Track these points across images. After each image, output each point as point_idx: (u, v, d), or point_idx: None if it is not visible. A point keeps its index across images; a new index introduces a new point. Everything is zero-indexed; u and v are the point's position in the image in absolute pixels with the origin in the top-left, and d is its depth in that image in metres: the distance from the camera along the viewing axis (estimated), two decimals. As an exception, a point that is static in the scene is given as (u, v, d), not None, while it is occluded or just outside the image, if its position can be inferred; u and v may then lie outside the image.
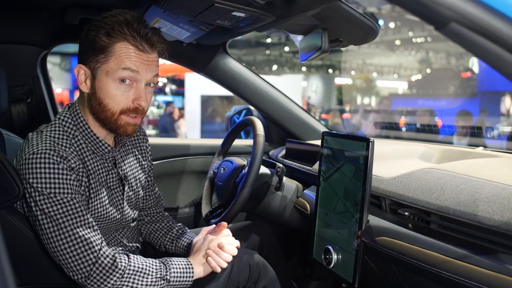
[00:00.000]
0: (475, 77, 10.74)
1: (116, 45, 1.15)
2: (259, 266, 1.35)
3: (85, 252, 1.11)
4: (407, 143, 1.82)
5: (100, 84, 1.18)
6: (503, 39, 0.57)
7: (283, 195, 1.60)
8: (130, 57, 1.16)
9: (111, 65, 1.16)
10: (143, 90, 1.20)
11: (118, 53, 1.16)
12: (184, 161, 2.09)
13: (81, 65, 1.20)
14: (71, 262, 1.11)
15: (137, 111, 1.21)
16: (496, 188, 0.96)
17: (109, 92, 1.17)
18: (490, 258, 0.87)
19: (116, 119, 1.20)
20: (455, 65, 14.74)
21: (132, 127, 1.23)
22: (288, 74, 17.76)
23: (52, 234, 1.11)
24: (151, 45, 1.19)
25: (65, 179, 1.12)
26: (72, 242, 1.11)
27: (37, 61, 1.80)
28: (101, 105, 1.19)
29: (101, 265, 1.12)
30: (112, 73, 1.16)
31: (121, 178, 1.31)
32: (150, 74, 1.20)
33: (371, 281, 1.28)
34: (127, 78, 1.17)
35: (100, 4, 1.60)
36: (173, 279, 1.19)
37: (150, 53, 1.19)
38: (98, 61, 1.17)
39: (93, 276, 1.12)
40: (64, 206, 1.11)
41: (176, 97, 14.46)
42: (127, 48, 1.16)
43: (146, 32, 1.17)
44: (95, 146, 1.24)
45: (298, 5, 1.08)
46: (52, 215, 1.10)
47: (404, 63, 18.18)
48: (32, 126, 1.78)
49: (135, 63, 1.16)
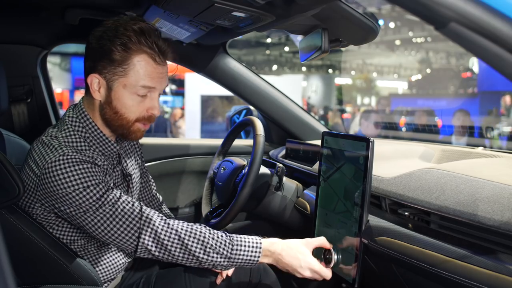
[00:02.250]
0: (475, 77, 10.74)
1: (134, 58, 1.16)
2: (259, 270, 1.35)
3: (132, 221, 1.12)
4: (407, 143, 1.82)
5: (117, 95, 1.19)
6: (503, 39, 0.57)
7: (283, 195, 1.60)
8: (149, 75, 1.18)
9: (130, 80, 1.17)
10: (158, 100, 1.23)
11: (137, 68, 1.17)
12: (184, 161, 2.09)
13: (95, 75, 1.19)
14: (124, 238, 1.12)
15: (151, 119, 1.24)
16: (496, 188, 0.96)
17: (126, 103, 1.19)
18: (490, 258, 0.87)
19: (130, 126, 1.23)
20: (455, 65, 14.75)
21: (142, 133, 1.26)
22: (288, 74, 17.76)
23: (96, 220, 1.11)
24: (165, 56, 1.20)
25: (96, 175, 1.13)
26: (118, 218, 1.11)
27: (37, 61, 1.80)
28: (117, 114, 1.21)
29: (146, 221, 1.12)
30: (130, 87, 1.18)
31: (125, 175, 1.33)
32: (164, 85, 1.23)
33: (371, 281, 1.28)
34: (145, 91, 1.20)
35: (100, 4, 1.60)
36: (235, 256, 1.14)
37: (164, 65, 1.21)
38: (116, 74, 1.17)
39: (141, 240, 1.11)
40: (101, 193, 1.11)
41: (176, 97, 14.46)
42: (146, 63, 1.17)
43: (160, 43, 1.18)
44: (104, 146, 1.25)
45: (298, 5, 1.08)
46: (91, 203, 1.10)
47: (404, 63, 18.18)
48: (32, 126, 1.78)
49: (153, 79, 1.18)
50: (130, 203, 1.14)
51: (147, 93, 1.20)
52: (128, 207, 1.13)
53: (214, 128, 9.97)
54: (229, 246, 1.15)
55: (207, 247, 1.13)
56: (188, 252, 1.13)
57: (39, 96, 1.82)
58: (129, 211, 1.12)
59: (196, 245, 1.13)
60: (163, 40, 1.20)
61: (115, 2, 1.59)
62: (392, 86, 19.27)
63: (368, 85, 18.67)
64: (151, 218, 1.13)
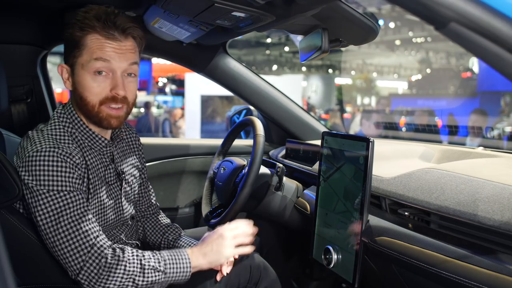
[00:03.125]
0: (475, 77, 10.74)
1: (87, 37, 1.17)
2: (260, 268, 1.35)
3: (81, 245, 1.10)
4: (407, 143, 1.82)
5: (78, 78, 1.20)
6: (503, 39, 0.57)
7: (283, 195, 1.60)
8: (100, 47, 1.17)
9: (85, 57, 1.18)
10: (120, 79, 1.20)
11: (90, 45, 1.17)
12: (184, 161, 2.08)
13: (62, 64, 1.23)
14: (68, 257, 1.10)
15: (116, 99, 1.20)
16: (496, 188, 0.96)
17: (86, 85, 1.19)
18: (490, 258, 0.87)
19: (98, 112, 1.21)
20: (455, 65, 14.75)
21: (115, 119, 1.23)
22: (288, 74, 17.76)
23: (50, 229, 1.10)
24: (123, 32, 1.19)
25: (69, 177, 1.12)
26: (70, 236, 1.10)
27: (37, 61, 1.80)
28: (82, 99, 1.20)
29: (92, 256, 1.10)
30: (86, 65, 1.18)
31: (118, 174, 1.32)
32: (124, 62, 1.20)
33: (371, 281, 1.28)
34: (102, 69, 1.18)
35: (100, 4, 1.60)
36: (168, 270, 1.16)
37: (123, 41, 1.20)
38: (74, 56, 1.19)
39: (85, 267, 1.10)
40: (66, 203, 1.11)
41: (176, 97, 14.46)
42: (98, 39, 1.17)
43: (115, 20, 1.18)
44: (92, 141, 1.25)
45: (298, 5, 1.08)
46: (52, 210, 1.10)
47: (404, 63, 18.19)
48: (32, 126, 1.77)
49: (106, 52, 1.17)
50: (88, 226, 1.12)
51: (107, 72, 1.18)
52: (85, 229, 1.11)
53: (214, 128, 9.97)
54: (162, 261, 1.16)
55: (145, 269, 1.13)
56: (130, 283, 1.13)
57: (39, 96, 1.82)
58: (85, 234, 1.11)
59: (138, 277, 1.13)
60: (121, 16, 1.19)
61: (115, 2, 1.59)
62: (392, 86, 19.28)
63: (368, 85, 18.67)
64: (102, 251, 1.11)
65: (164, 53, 1.91)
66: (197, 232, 1.69)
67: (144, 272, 1.13)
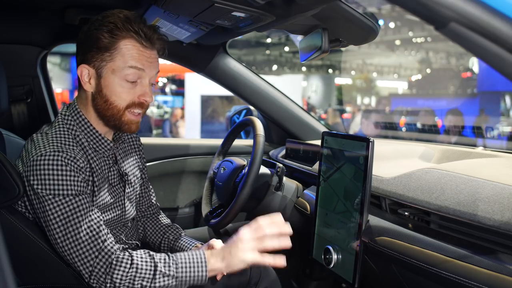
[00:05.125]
0: (475, 77, 10.75)
1: (120, 42, 1.17)
2: (259, 267, 1.35)
3: (89, 251, 1.11)
4: (407, 143, 1.82)
5: (106, 82, 1.19)
6: (503, 39, 0.57)
7: (283, 195, 1.60)
8: (135, 55, 1.18)
9: (117, 63, 1.17)
10: (149, 87, 1.22)
11: (124, 51, 1.17)
12: (184, 161, 2.08)
13: (84, 65, 1.20)
14: (77, 262, 1.11)
15: (142, 106, 1.23)
16: (496, 188, 0.96)
17: (116, 90, 1.19)
18: (490, 258, 0.87)
19: (121, 116, 1.21)
20: (455, 65, 14.75)
21: (135, 124, 1.24)
22: (288, 74, 17.76)
23: (58, 235, 1.11)
24: (152, 42, 1.20)
25: (74, 181, 1.12)
26: (77, 241, 1.10)
27: (37, 61, 1.80)
28: (107, 103, 1.20)
29: (101, 260, 1.10)
30: (118, 71, 1.18)
31: (122, 175, 1.32)
32: (153, 71, 1.22)
33: (371, 281, 1.28)
34: (135, 77, 1.19)
35: (100, 4, 1.60)
36: (181, 274, 1.12)
37: (152, 50, 1.21)
38: (104, 60, 1.18)
39: (95, 271, 1.10)
40: (72, 208, 1.11)
41: (176, 97, 14.45)
42: (132, 46, 1.17)
43: (146, 29, 1.19)
44: (97, 143, 1.24)
45: (298, 5, 1.08)
46: (59, 215, 1.10)
47: (404, 63, 18.19)
48: (32, 126, 1.78)
49: (140, 61, 1.18)
50: (95, 230, 1.11)
51: (136, 79, 1.19)
52: (93, 233, 1.11)
53: (214, 128, 9.97)
54: (173, 265, 1.12)
55: (156, 274, 1.10)
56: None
57: (39, 96, 1.82)
58: (92, 238, 1.10)
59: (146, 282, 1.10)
60: (149, 27, 1.20)
61: (115, 2, 1.59)
62: (392, 86, 19.27)
63: (368, 85, 18.67)
64: (109, 250, 1.11)
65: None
66: (197, 232, 1.69)
67: (155, 277, 1.11)
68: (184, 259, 1.13)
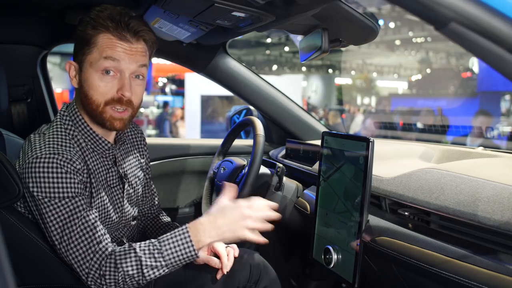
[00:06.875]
0: (475, 77, 10.74)
1: (99, 36, 1.17)
2: (259, 267, 1.35)
3: (84, 253, 1.11)
4: (407, 143, 1.82)
5: (85, 76, 1.19)
6: (503, 39, 0.57)
7: (283, 195, 1.60)
8: (111, 47, 1.17)
9: (94, 55, 1.17)
10: (127, 80, 1.19)
11: (101, 43, 1.17)
12: (184, 161, 2.08)
13: (71, 61, 1.22)
14: (74, 264, 1.11)
15: (121, 101, 1.19)
16: (496, 188, 0.96)
17: (93, 83, 1.18)
18: (490, 258, 0.87)
19: (101, 112, 1.19)
20: (455, 65, 14.76)
21: (119, 121, 1.21)
22: (288, 74, 17.77)
23: (56, 237, 1.11)
24: (134, 34, 1.19)
25: (70, 183, 1.12)
26: (73, 244, 1.10)
27: (37, 61, 1.80)
28: (87, 97, 1.19)
29: (96, 262, 1.10)
30: (95, 63, 1.17)
31: (121, 176, 1.31)
32: (134, 64, 1.19)
33: (371, 281, 1.28)
34: (110, 68, 1.17)
35: (100, 4, 1.60)
36: (169, 261, 1.10)
37: (134, 43, 1.19)
38: (84, 53, 1.18)
39: (91, 273, 1.10)
40: (68, 210, 1.11)
41: (176, 97, 14.45)
42: (109, 39, 1.17)
43: (129, 22, 1.18)
44: (95, 144, 1.24)
45: (298, 5, 1.08)
46: (55, 218, 1.10)
47: (404, 63, 18.20)
48: (32, 126, 1.78)
49: (116, 52, 1.17)
50: (90, 232, 1.11)
51: (115, 72, 1.18)
52: (88, 235, 1.10)
53: (214, 128, 9.98)
54: (158, 254, 1.10)
55: (143, 269, 1.09)
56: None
57: (39, 96, 1.82)
58: (88, 240, 1.10)
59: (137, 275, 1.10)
60: (134, 19, 1.20)
61: (115, 2, 1.59)
62: (392, 86, 19.28)
63: (368, 85, 18.68)
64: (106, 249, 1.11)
65: (164, 53, 1.91)
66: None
67: (143, 272, 1.10)
68: (168, 243, 1.11)
